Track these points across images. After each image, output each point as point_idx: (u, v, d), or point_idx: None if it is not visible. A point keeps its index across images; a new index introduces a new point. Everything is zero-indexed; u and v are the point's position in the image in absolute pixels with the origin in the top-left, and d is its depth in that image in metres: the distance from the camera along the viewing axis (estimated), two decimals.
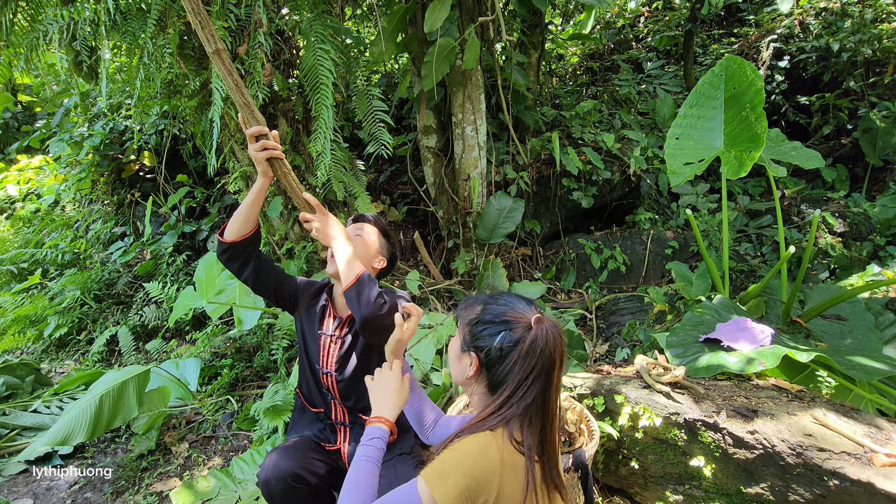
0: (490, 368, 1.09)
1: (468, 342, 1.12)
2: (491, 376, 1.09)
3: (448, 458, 1.00)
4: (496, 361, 1.07)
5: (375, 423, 1.23)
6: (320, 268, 3.31)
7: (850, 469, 1.40)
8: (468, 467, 0.96)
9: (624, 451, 1.91)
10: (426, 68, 3.32)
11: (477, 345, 1.10)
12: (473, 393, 1.15)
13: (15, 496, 2.35)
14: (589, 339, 3.27)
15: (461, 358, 1.15)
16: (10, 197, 5.89)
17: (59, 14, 2.72)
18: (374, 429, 1.22)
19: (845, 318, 2.51)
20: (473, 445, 1.00)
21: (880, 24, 4.78)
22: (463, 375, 1.14)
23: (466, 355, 1.12)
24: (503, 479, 0.97)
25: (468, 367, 1.12)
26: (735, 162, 2.49)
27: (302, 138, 3.13)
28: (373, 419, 1.24)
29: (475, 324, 1.12)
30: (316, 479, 1.60)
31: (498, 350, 1.07)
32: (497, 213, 3.79)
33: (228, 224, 1.59)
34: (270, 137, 1.47)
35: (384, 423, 1.23)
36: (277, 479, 1.54)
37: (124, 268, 4.41)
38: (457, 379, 1.18)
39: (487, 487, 0.96)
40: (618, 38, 6.52)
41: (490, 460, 0.98)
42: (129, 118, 4.56)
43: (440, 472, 0.97)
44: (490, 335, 1.08)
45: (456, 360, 1.18)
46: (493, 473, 0.97)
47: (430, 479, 0.97)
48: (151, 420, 2.70)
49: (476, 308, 1.15)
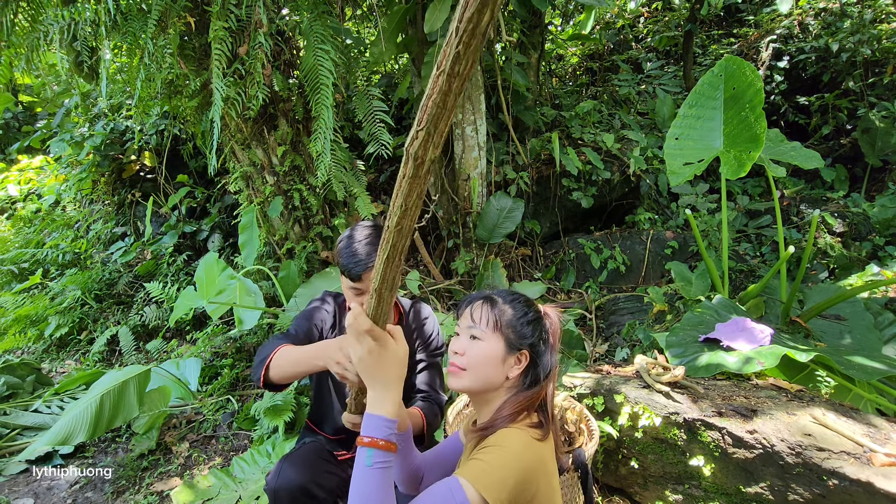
0: (535, 361, 1.13)
1: (514, 342, 1.11)
2: (534, 368, 1.12)
3: (494, 458, 0.98)
4: (540, 352, 1.13)
5: (376, 413, 0.98)
6: (320, 268, 3.31)
7: (849, 469, 1.40)
8: (517, 464, 0.97)
9: (623, 450, 1.91)
10: (426, 68, 3.33)
11: (525, 342, 1.12)
12: (500, 390, 1.12)
13: (16, 496, 2.35)
14: (589, 339, 3.28)
15: (505, 360, 1.11)
16: (10, 197, 5.89)
17: (60, 14, 2.72)
18: (376, 420, 0.97)
19: (844, 318, 2.51)
20: (518, 442, 1.01)
21: (879, 25, 4.78)
22: (502, 377, 1.11)
23: (513, 356, 1.11)
24: (547, 469, 1.02)
25: (513, 366, 1.11)
26: (734, 162, 2.50)
27: (302, 138, 3.14)
28: (372, 410, 0.99)
29: (519, 321, 1.12)
30: (324, 494, 1.58)
31: (542, 341, 1.13)
32: (497, 213, 3.80)
33: (274, 372, 1.43)
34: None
35: (387, 413, 0.98)
36: (286, 490, 1.53)
37: (125, 268, 4.41)
38: (492, 383, 1.11)
39: (535, 480, 0.99)
40: (617, 38, 6.53)
41: (536, 453, 1.01)
42: (130, 118, 4.57)
43: (488, 471, 0.95)
44: (534, 329, 1.13)
45: (493, 364, 1.11)
46: (541, 465, 1.01)
47: (476, 479, 0.94)
48: (152, 420, 2.70)
49: (506, 307, 1.14)
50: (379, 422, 0.97)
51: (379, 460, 0.95)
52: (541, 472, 1.01)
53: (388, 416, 0.98)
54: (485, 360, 1.10)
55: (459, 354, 1.13)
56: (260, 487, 2.15)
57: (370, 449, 0.95)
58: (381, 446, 0.95)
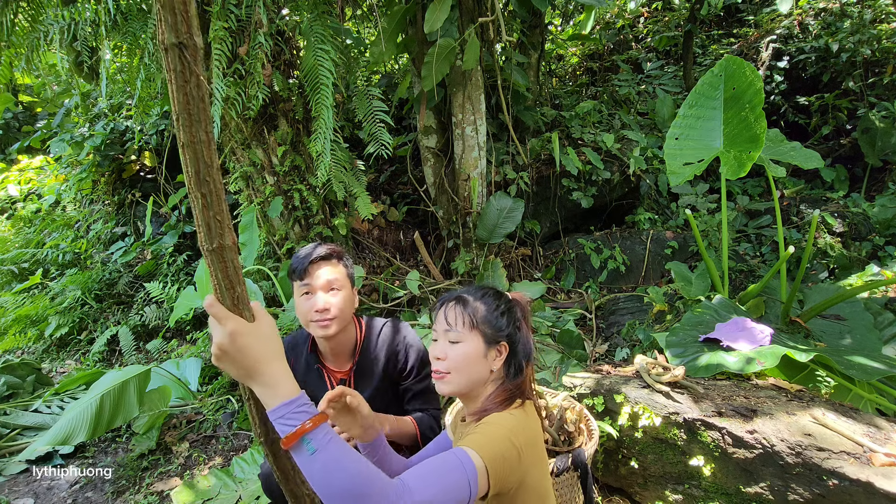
0: (514, 350, 1.15)
1: (492, 336, 1.14)
2: (514, 357, 1.15)
3: (493, 431, 1.02)
4: (517, 340, 1.15)
5: (276, 405, 0.83)
6: None
7: (849, 468, 1.40)
8: (513, 438, 1.01)
9: (623, 450, 1.91)
10: (426, 69, 3.33)
11: (501, 334, 1.14)
12: (487, 384, 1.14)
13: (16, 496, 2.35)
14: (588, 339, 3.28)
15: (486, 355, 1.13)
16: (11, 197, 5.89)
17: (60, 15, 2.72)
18: (281, 411, 0.83)
19: (844, 318, 2.51)
20: (512, 419, 1.06)
21: (879, 25, 4.78)
22: (486, 372, 1.13)
23: (493, 349, 1.14)
24: (537, 448, 1.08)
25: (494, 360, 1.14)
26: (734, 162, 2.50)
27: (302, 138, 3.14)
28: (270, 404, 0.83)
29: (493, 315, 1.15)
30: None
31: (517, 329, 1.16)
32: (497, 213, 3.80)
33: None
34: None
35: (284, 396, 0.84)
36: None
37: (125, 268, 4.41)
38: (478, 380, 1.13)
39: (528, 456, 1.03)
40: (617, 38, 6.52)
41: (532, 428, 1.08)
42: (130, 118, 4.57)
43: (489, 442, 0.98)
44: (508, 319, 1.16)
45: (476, 362, 1.12)
46: (538, 438, 1.09)
47: (480, 447, 0.96)
48: (152, 420, 2.70)
49: (478, 304, 1.16)
50: (284, 410, 0.82)
51: (319, 437, 0.82)
52: (532, 450, 1.06)
53: (287, 399, 0.83)
54: (466, 361, 1.12)
55: (441, 360, 1.14)
56: (260, 487, 2.15)
57: (302, 438, 0.81)
58: (309, 427, 0.82)
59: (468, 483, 0.91)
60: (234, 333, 0.81)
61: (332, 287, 1.50)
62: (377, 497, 0.81)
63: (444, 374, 1.13)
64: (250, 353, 0.82)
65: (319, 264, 1.50)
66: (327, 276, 1.49)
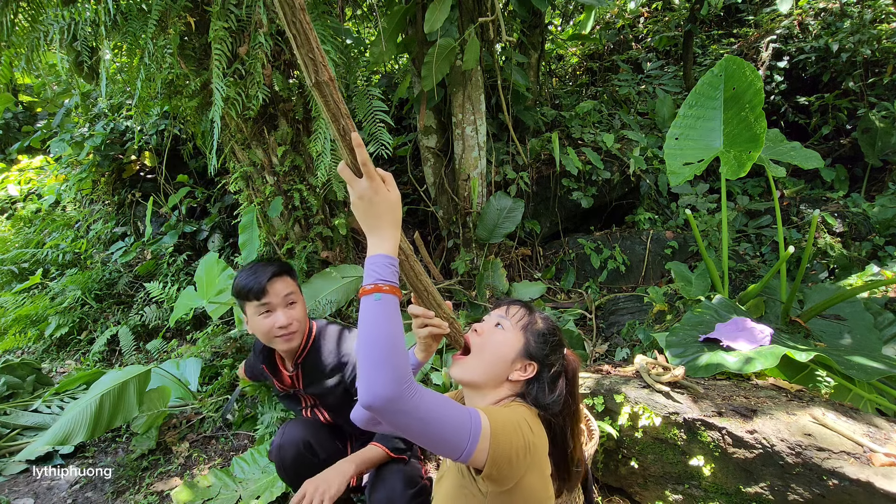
0: (539, 377, 1.15)
1: (530, 349, 1.14)
2: (535, 382, 1.15)
3: (508, 413, 1.02)
4: (546, 380, 1.14)
5: (375, 253, 0.99)
6: (320, 268, 3.31)
7: (849, 468, 1.40)
8: (523, 425, 1.02)
9: (623, 450, 1.91)
10: (426, 69, 3.32)
11: (539, 354, 1.15)
12: (499, 389, 1.14)
13: (15, 496, 2.35)
14: (588, 339, 3.28)
15: (515, 360, 1.13)
16: (10, 197, 5.89)
17: (60, 14, 2.72)
18: (377, 259, 0.97)
19: (844, 318, 2.51)
20: (531, 415, 1.09)
21: (879, 25, 4.78)
22: (504, 374, 1.13)
23: (522, 361, 1.14)
24: (544, 452, 1.09)
25: (517, 370, 1.14)
26: (734, 162, 2.50)
27: (302, 138, 3.14)
28: (372, 251, 0.99)
29: (543, 336, 1.16)
30: (325, 455, 1.63)
31: (552, 365, 1.16)
32: (497, 213, 3.80)
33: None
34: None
35: (385, 251, 0.99)
36: (290, 444, 1.57)
37: (125, 268, 4.41)
38: (494, 376, 1.13)
39: (536, 452, 1.04)
40: (617, 38, 6.52)
41: (544, 439, 1.10)
42: (130, 118, 4.57)
43: (499, 417, 0.98)
44: (552, 351, 1.16)
45: (503, 357, 1.13)
46: (545, 448, 1.09)
47: (489, 413, 0.97)
48: (152, 420, 2.70)
49: (540, 320, 1.19)
50: (379, 260, 0.96)
51: (387, 297, 0.93)
52: (537, 453, 1.06)
53: (387, 253, 0.97)
54: (496, 349, 1.13)
55: (479, 334, 1.15)
56: (260, 487, 2.15)
57: (376, 294, 0.93)
58: (387, 290, 0.93)
59: (469, 433, 0.91)
60: (376, 188, 0.97)
61: (290, 301, 1.56)
62: (397, 370, 0.86)
63: (465, 357, 1.14)
64: (379, 210, 0.98)
65: (274, 281, 1.55)
66: (285, 291, 1.56)
